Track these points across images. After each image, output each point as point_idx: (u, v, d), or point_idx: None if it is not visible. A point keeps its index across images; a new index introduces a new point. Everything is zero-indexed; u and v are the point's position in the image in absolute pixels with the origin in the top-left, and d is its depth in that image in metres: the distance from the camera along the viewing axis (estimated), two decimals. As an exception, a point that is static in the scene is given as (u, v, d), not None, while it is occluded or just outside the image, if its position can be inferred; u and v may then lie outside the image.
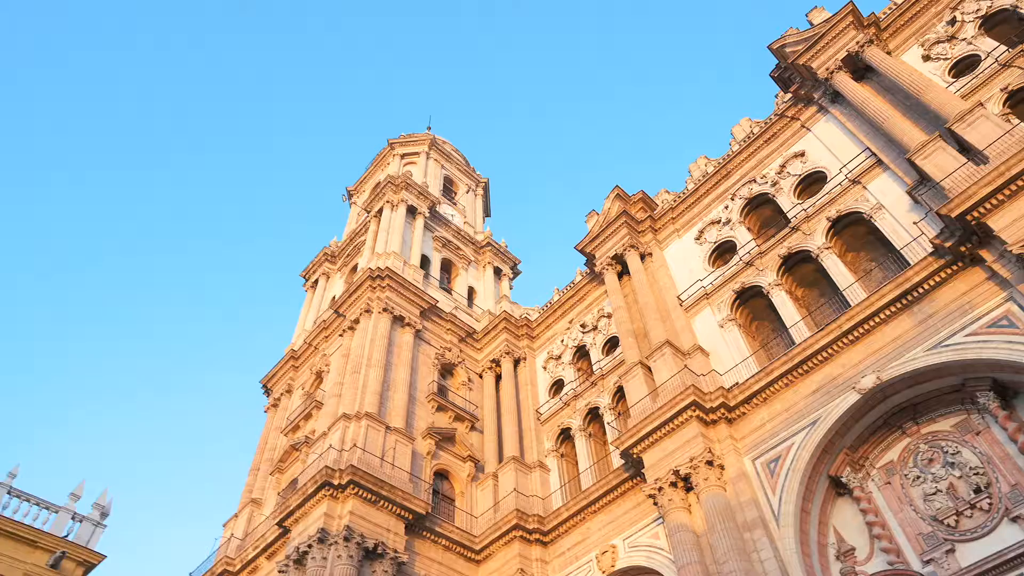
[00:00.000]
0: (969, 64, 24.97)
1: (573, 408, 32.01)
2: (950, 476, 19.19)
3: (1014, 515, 17.56)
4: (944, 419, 20.26)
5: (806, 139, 29.39)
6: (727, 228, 30.33)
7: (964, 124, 21.12)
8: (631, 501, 25.37)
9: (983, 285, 19.69)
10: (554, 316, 36.88)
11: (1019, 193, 18.55)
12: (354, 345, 33.24)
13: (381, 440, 28.25)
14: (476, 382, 36.48)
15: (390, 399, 30.98)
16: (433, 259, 43.08)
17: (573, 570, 26.03)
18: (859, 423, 21.19)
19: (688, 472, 22.28)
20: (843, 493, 21.19)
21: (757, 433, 22.85)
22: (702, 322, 28.07)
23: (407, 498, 26.14)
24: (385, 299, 34.76)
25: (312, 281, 46.09)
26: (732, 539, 20.13)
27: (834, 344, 22.00)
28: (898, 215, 23.62)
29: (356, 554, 23.75)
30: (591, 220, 35.87)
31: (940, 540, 18.51)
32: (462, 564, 27.53)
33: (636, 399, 25.76)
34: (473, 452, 32.19)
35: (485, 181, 56.54)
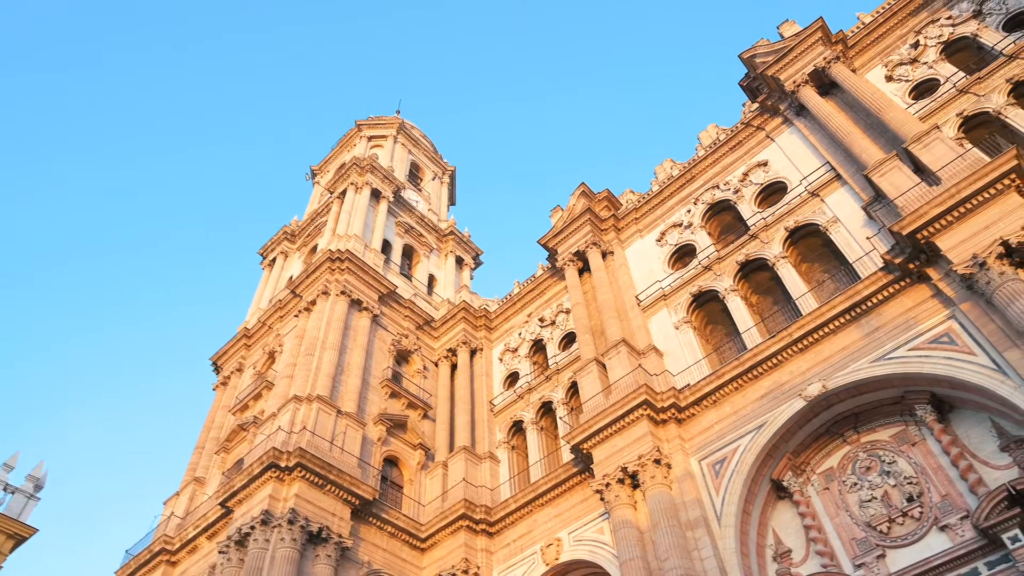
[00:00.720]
0: (929, 87, 25.75)
1: (527, 401, 32.16)
2: (885, 484, 19.87)
3: (942, 524, 18.28)
4: (883, 429, 20.95)
5: (770, 149, 29.96)
6: (688, 232, 30.75)
7: (920, 145, 21.79)
8: (578, 496, 25.64)
9: (928, 302, 20.38)
10: (513, 309, 36.94)
11: (967, 215, 19.22)
12: (309, 327, 32.77)
13: (332, 424, 27.95)
14: (431, 370, 36.34)
15: (343, 383, 30.66)
16: (395, 244, 42.70)
17: (517, 561, 26.20)
18: (803, 429, 21.76)
19: (636, 470, 22.60)
20: (784, 496, 21.76)
21: (705, 434, 23.29)
22: (658, 323, 28.46)
23: (355, 483, 25.94)
24: (343, 282, 34.34)
25: (270, 259, 45.25)
26: (675, 537, 20.50)
27: (784, 351, 22.53)
28: (853, 229, 24.26)
29: (300, 538, 23.50)
30: (555, 215, 36.00)
31: (872, 546, 19.17)
32: (407, 551, 27.48)
33: (589, 395, 26.00)
34: (424, 440, 32.10)
35: (452, 169, 56.21)
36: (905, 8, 28.19)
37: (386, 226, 42.38)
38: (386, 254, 41.04)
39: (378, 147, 51.36)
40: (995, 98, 23.20)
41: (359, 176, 42.71)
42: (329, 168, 52.59)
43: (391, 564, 26.52)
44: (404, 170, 50.50)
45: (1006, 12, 25.22)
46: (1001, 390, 17.59)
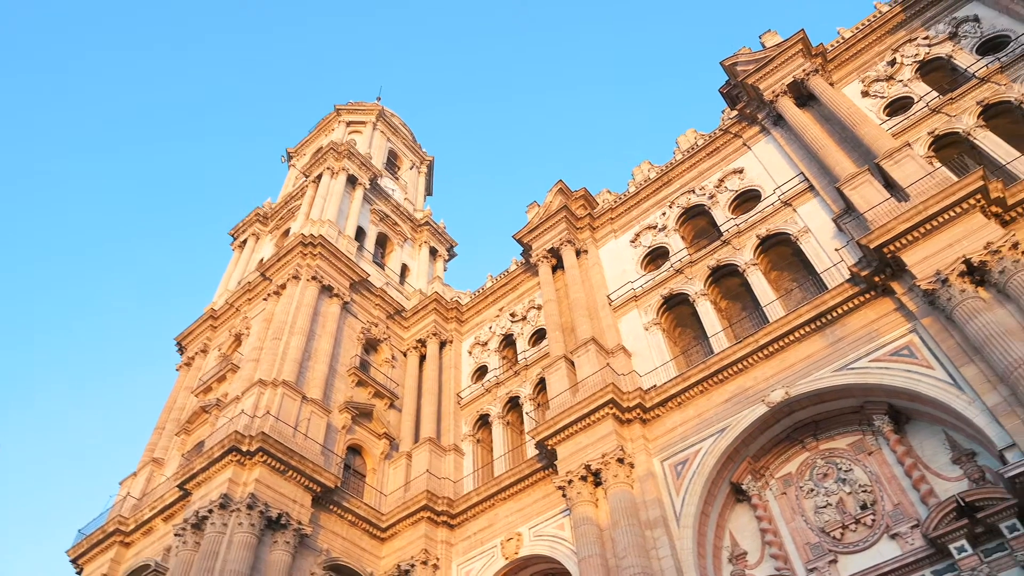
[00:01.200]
0: (903, 105, 26.26)
1: (494, 395, 32.19)
2: (841, 491, 20.30)
3: (893, 532, 18.74)
4: (842, 437, 21.39)
5: (746, 157, 30.31)
6: (662, 234, 31.01)
7: (892, 161, 22.22)
8: (541, 491, 25.76)
9: (891, 315, 20.82)
10: (485, 302, 36.92)
11: (933, 232, 19.67)
12: (278, 311, 32.40)
13: (296, 410, 27.69)
14: (400, 360, 36.18)
15: (310, 369, 30.38)
16: (369, 232, 42.36)
17: (477, 554, 26.26)
18: (764, 434, 22.12)
19: (599, 468, 22.77)
20: (742, 499, 22.11)
21: (669, 435, 23.54)
22: (628, 323, 28.67)
23: (317, 470, 25.75)
24: (315, 267, 33.99)
25: (240, 241, 44.59)
26: (634, 536, 20.71)
27: (750, 357, 22.85)
28: (822, 240, 24.67)
29: (258, 523, 23.28)
30: (532, 211, 36.02)
31: (825, 551, 19.58)
32: (367, 540, 27.37)
33: (556, 392, 26.12)
34: (389, 430, 31.97)
35: (430, 160, 55.90)
36: (884, 26, 28.69)
37: (361, 213, 42.02)
38: (359, 241, 40.70)
39: (356, 133, 50.85)
40: (965, 119, 23.74)
41: (336, 161, 42.27)
42: (306, 151, 51.95)
43: (350, 552, 26.41)
44: (382, 158, 50.09)
45: (980, 36, 25.80)
46: (956, 404, 18.06)
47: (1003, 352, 16.75)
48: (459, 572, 26.34)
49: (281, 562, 23.35)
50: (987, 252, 18.31)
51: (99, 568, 27.70)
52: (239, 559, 22.19)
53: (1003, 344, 16.84)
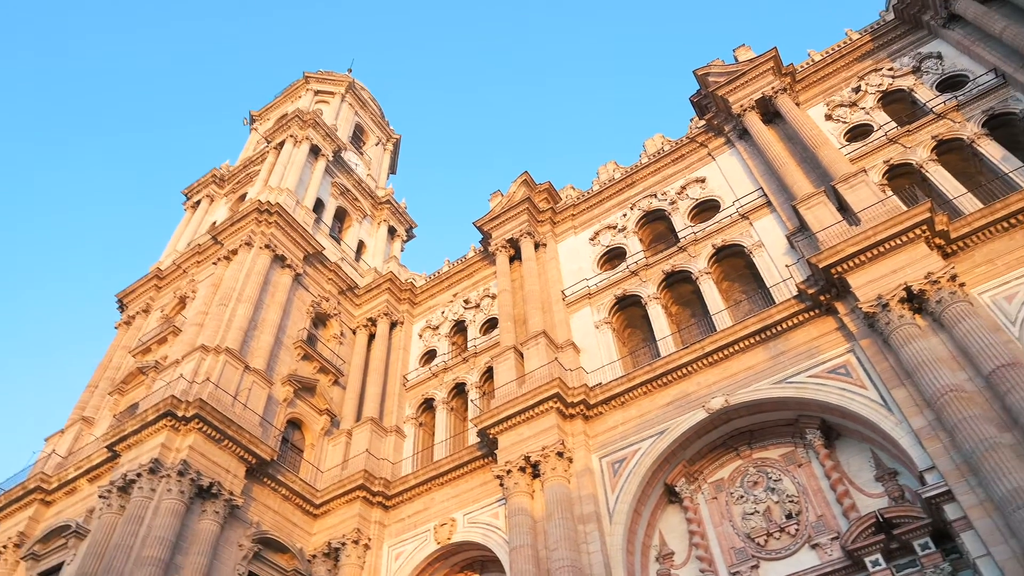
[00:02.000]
0: (863, 132, 27.04)
1: (440, 380, 32.13)
2: (769, 500, 20.94)
3: (814, 543, 19.43)
4: (775, 448, 22.04)
5: (709, 167, 30.81)
6: (621, 235, 31.33)
7: (847, 185, 22.89)
8: (479, 479, 25.86)
9: (832, 334, 21.50)
10: (440, 287, 36.76)
11: (879, 258, 20.36)
12: (227, 276, 31.66)
13: (237, 379, 27.16)
14: (348, 337, 35.78)
15: (255, 339, 29.81)
16: (328, 205, 41.67)
17: (409, 537, 26.24)
18: (701, 439, 22.63)
19: (538, 460, 22.97)
20: (674, 501, 22.62)
21: (609, 433, 23.88)
22: (580, 320, 28.92)
23: (254, 442, 25.33)
24: (269, 235, 33.30)
25: (194, 201, 43.35)
26: (567, 529, 20.99)
27: (694, 363, 23.30)
28: (774, 255, 25.29)
29: (188, 490, 22.81)
30: (495, 200, 35.95)
31: (748, 556, 20.20)
32: (299, 516, 27.08)
33: (503, 382, 26.22)
34: (332, 406, 31.62)
35: (397, 138, 55.25)
36: (853, 53, 29.46)
37: (321, 185, 41.29)
38: (318, 213, 40.00)
39: (324, 103, 49.88)
40: (920, 152, 24.59)
41: (300, 130, 41.40)
42: (270, 116, 50.74)
43: (281, 527, 26.10)
44: (348, 131, 49.26)
45: (941, 73, 26.72)
46: (884, 424, 18.78)
47: (932, 378, 17.48)
48: (390, 553, 26.29)
49: (208, 532, 22.94)
50: (927, 282, 19.05)
51: (15, 526, 26.73)
52: (165, 526, 21.73)
53: (933, 371, 17.57)
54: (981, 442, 15.86)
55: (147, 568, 20.61)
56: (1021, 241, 19.76)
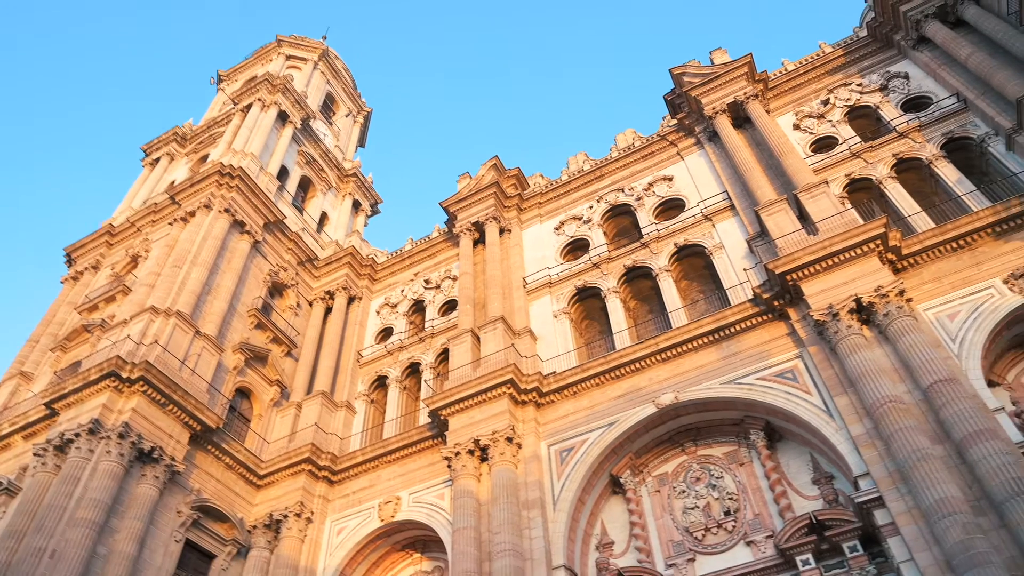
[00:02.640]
0: (828, 144, 27.62)
1: (395, 359, 31.97)
2: (709, 496, 21.45)
3: (750, 540, 20.00)
4: (719, 446, 22.55)
5: (678, 166, 31.14)
6: (586, 227, 31.50)
7: (808, 195, 23.39)
8: (426, 459, 25.87)
9: (783, 339, 22.03)
10: (401, 264, 36.50)
11: (833, 268, 20.90)
12: (183, 238, 30.88)
13: (187, 343, 26.59)
14: (305, 309, 35.30)
15: (207, 304, 29.18)
16: (292, 173, 40.87)
17: (353, 513, 26.15)
18: (649, 433, 23.01)
19: (488, 444, 23.09)
20: (618, 492, 23.00)
21: (560, 422, 24.11)
22: (539, 308, 29.05)
23: (199, 408, 24.88)
24: (230, 199, 32.55)
25: (153, 159, 42.06)
26: (511, 513, 21.18)
27: (648, 358, 23.63)
28: (734, 258, 25.74)
29: (128, 453, 22.32)
30: (462, 182, 35.76)
31: (686, 549, 20.69)
32: (242, 486, 26.73)
33: (458, 364, 26.22)
34: (283, 378, 31.22)
35: (368, 111, 54.41)
36: (825, 66, 30.02)
37: (287, 153, 40.45)
38: (281, 181, 39.20)
39: (295, 69, 48.77)
40: (880, 168, 25.24)
41: (269, 94, 40.44)
42: (238, 78, 49.40)
43: (222, 495, 25.74)
44: (318, 99, 48.29)
45: (907, 93, 27.42)
46: (825, 430, 19.37)
47: (874, 388, 18.07)
48: (333, 528, 26.18)
49: (147, 496, 22.51)
50: (877, 295, 19.63)
51: (-57, 479, 25.80)
52: (101, 488, 21.25)
53: (875, 381, 18.16)
54: (914, 452, 16.47)
55: (80, 529, 20.16)
56: (968, 262, 20.50)
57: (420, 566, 25.48)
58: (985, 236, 20.59)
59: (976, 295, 19.77)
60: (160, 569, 22.47)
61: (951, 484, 15.78)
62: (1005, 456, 15.58)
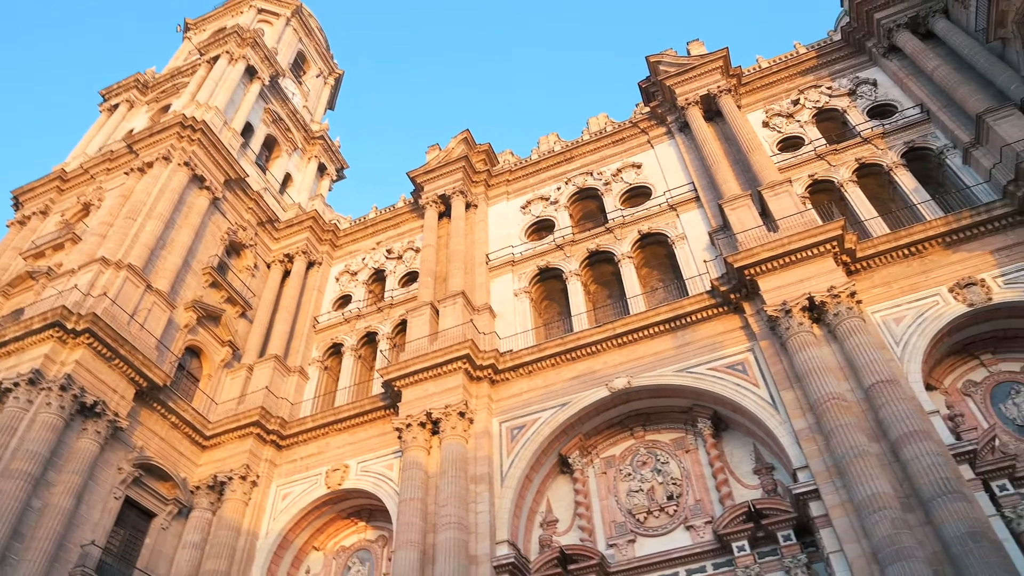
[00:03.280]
0: (794, 144, 28.08)
1: (352, 327, 31.71)
2: (654, 480, 21.93)
3: (689, 524, 20.55)
4: (667, 432, 23.02)
5: (647, 154, 31.32)
6: (552, 208, 31.53)
7: (772, 193, 23.80)
8: (377, 429, 25.82)
9: (736, 332, 22.49)
10: (364, 232, 36.08)
11: (789, 266, 21.36)
12: (138, 189, 29.94)
13: (137, 298, 25.91)
14: (262, 271, 34.67)
15: (161, 258, 28.44)
16: (257, 131, 39.85)
17: (300, 478, 26.01)
18: (600, 416, 23.35)
19: (440, 417, 23.15)
20: (566, 472, 23.34)
21: (513, 400, 24.28)
22: (500, 285, 29.08)
23: (147, 364, 24.33)
24: (190, 153, 31.62)
25: (111, 104, 40.52)
26: (458, 487, 21.34)
27: (604, 342, 23.90)
28: (695, 249, 26.10)
29: (69, 406, 21.75)
30: (432, 153, 35.40)
31: (627, 531, 21.16)
32: (187, 445, 26.31)
33: (416, 336, 26.15)
34: (235, 339, 30.69)
35: (340, 73, 53.23)
36: (798, 66, 30.42)
37: (253, 109, 39.36)
38: (245, 138, 38.19)
39: (266, 23, 47.32)
40: (842, 172, 25.79)
41: (238, 47, 39.22)
42: (206, 27, 47.75)
43: (166, 454, 25.31)
44: (289, 57, 47.03)
45: (873, 100, 28.00)
46: (769, 423, 19.92)
47: (819, 385, 18.63)
48: (278, 492, 26.02)
49: (87, 451, 22.00)
50: (829, 294, 20.17)
51: None
52: (39, 440, 20.70)
53: (820, 378, 18.72)
54: (851, 448, 17.08)
55: (15, 481, 19.64)
56: (917, 269, 21.18)
57: (364, 535, 25.54)
58: (936, 245, 21.28)
59: (922, 301, 20.46)
60: (97, 525, 22.07)
61: (884, 480, 16.42)
62: (936, 457, 16.27)
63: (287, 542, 24.99)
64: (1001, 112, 22.17)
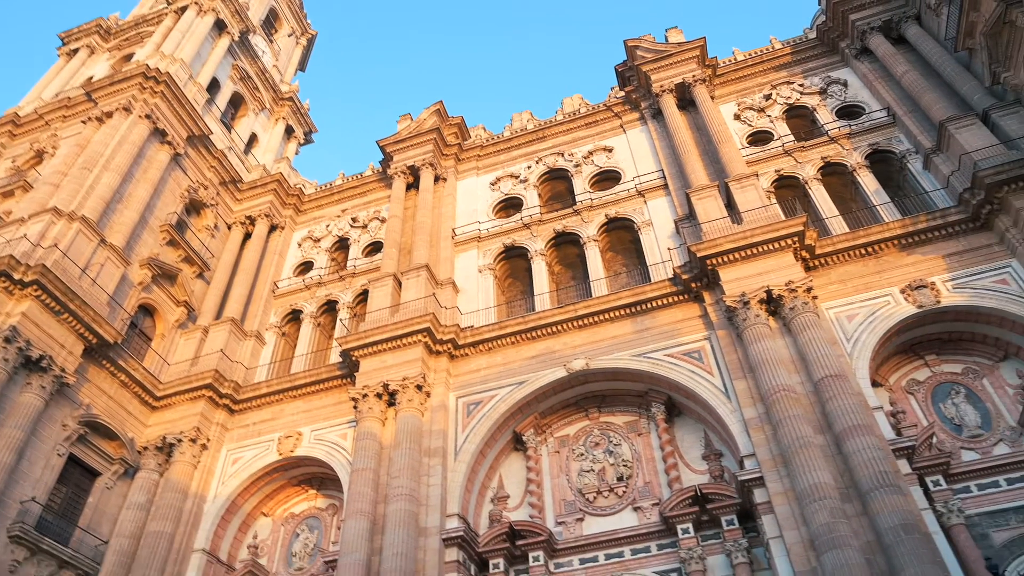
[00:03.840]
0: (763, 138, 28.44)
1: (312, 294, 31.32)
2: (606, 461, 22.29)
3: (637, 506, 20.97)
4: (621, 415, 23.37)
5: (619, 139, 31.38)
6: (522, 186, 31.45)
7: (738, 185, 24.10)
8: (333, 398, 25.65)
9: (694, 320, 22.85)
10: (330, 199, 35.52)
11: (750, 259, 21.72)
12: (96, 139, 28.92)
13: (89, 251, 25.14)
14: (223, 232, 33.93)
15: (117, 212, 27.59)
16: (224, 88, 38.74)
17: (252, 444, 25.74)
18: (556, 396, 23.57)
19: (397, 389, 23.09)
20: (519, 449, 23.55)
21: (471, 375, 24.34)
22: (465, 261, 28.98)
23: (97, 321, 23.70)
24: (152, 105, 30.61)
25: (71, 48, 38.89)
26: (412, 459, 21.38)
27: (565, 323, 24.03)
28: (660, 236, 26.35)
29: (13, 359, 21.11)
30: (403, 123, 34.92)
31: (576, 509, 21.51)
32: (136, 405, 25.79)
33: (377, 307, 25.95)
34: (191, 299, 30.06)
35: (313, 34, 51.95)
36: (772, 61, 30.72)
37: (220, 65, 38.23)
38: (211, 94, 37.09)
39: (239, -24, 45.76)
40: (808, 169, 26.23)
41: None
42: (175, -25, 45.95)
43: (113, 413, 24.79)
44: (260, 14, 45.65)
45: (843, 100, 28.47)
46: (721, 410, 20.36)
47: (770, 376, 19.08)
48: (228, 457, 25.73)
49: (30, 406, 21.41)
50: (786, 288, 20.59)
51: None
52: (-20, 396, 20.04)
53: (772, 370, 19.17)
54: (797, 439, 17.58)
55: (-48, 433, 19.03)
56: (873, 269, 21.75)
57: (315, 502, 25.48)
58: (891, 247, 21.86)
59: (875, 300, 21.05)
60: (39, 482, 21.58)
61: (826, 471, 16.96)
62: (876, 451, 16.85)
63: (235, 507, 24.79)
64: (963, 121, 22.76)
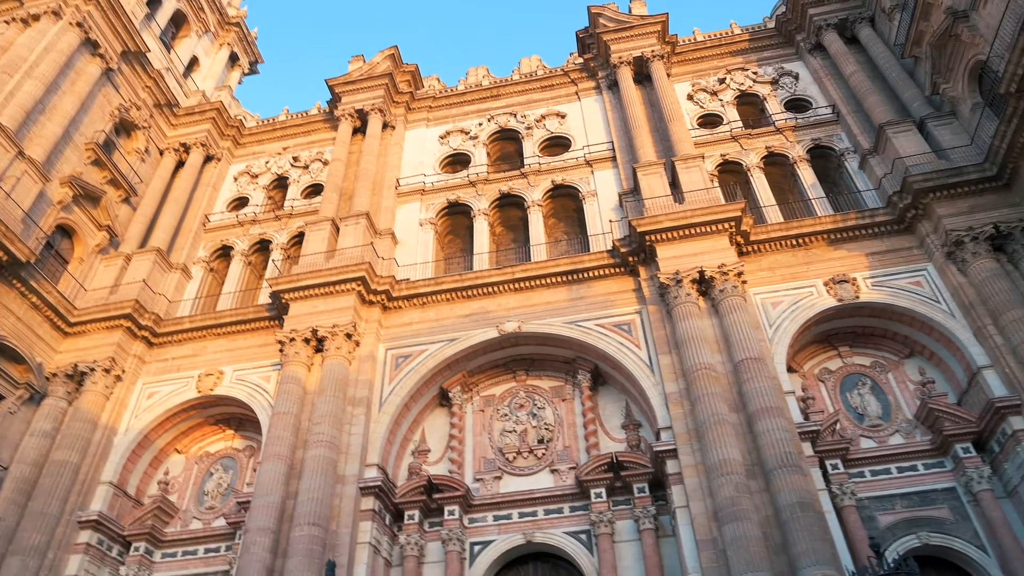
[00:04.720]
0: (712, 122, 28.86)
1: (245, 231, 30.32)
2: (528, 424, 22.71)
3: (555, 468, 21.52)
4: (548, 380, 23.77)
5: (573, 105, 31.27)
6: (471, 143, 31.06)
7: (684, 165, 24.45)
8: (259, 339, 25.07)
9: (628, 293, 23.28)
10: (272, 135, 34.24)
11: (688, 238, 22.16)
12: (19, 42, 26.87)
13: (5, 162, 23.54)
14: (154, 158, 32.31)
15: (39, 124, 25.86)
16: (166, 4, 36.45)
17: (169, 379, 25.00)
18: (486, 356, 23.73)
19: (325, 336, 22.77)
20: (445, 405, 23.71)
21: (403, 328, 24.22)
22: (407, 213, 28.57)
23: (9, 237, 22.31)
24: (85, 13, 28.57)
25: (-4, -61, 35.73)
26: (335, 407, 21.23)
27: (501, 285, 24.10)
28: (603, 208, 26.57)
29: (-88, 269, 19.73)
30: (355, 64, 33.76)
31: (495, 468, 21.91)
32: (47, 329, 24.58)
33: (312, 251, 25.37)
34: (115, 225, 28.64)
35: (267, -42, 49.33)
36: (730, 46, 31.05)
37: (164, -22, 35.92)
38: (152, 9, 34.87)
39: None
40: (752, 156, 26.83)
41: (154, -96, 35.36)
42: None
43: (22, 336, 23.57)
44: (211, -72, 42.89)
45: (793, 92, 29.10)
46: (644, 383, 20.95)
47: (694, 354, 19.71)
48: (144, 391, 24.92)
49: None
50: (719, 271, 21.18)
51: None
52: None
53: (697, 348, 19.81)
54: (712, 415, 18.31)
55: None
56: (801, 260, 22.59)
57: (232, 443, 25.07)
58: (821, 240, 22.71)
59: (799, 290, 21.91)
60: (-66, 400, 20.42)
61: (735, 448, 17.76)
62: (784, 432, 17.72)
63: (148, 441, 24.16)
64: (901, 127, 23.65)
